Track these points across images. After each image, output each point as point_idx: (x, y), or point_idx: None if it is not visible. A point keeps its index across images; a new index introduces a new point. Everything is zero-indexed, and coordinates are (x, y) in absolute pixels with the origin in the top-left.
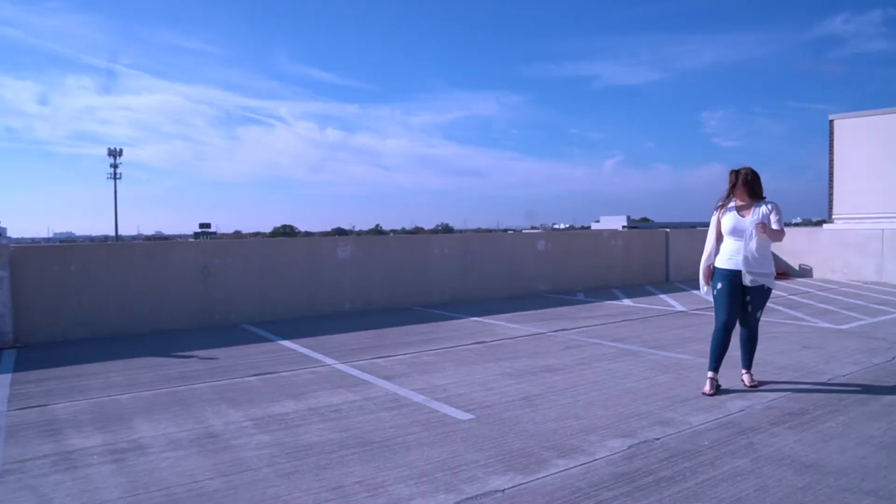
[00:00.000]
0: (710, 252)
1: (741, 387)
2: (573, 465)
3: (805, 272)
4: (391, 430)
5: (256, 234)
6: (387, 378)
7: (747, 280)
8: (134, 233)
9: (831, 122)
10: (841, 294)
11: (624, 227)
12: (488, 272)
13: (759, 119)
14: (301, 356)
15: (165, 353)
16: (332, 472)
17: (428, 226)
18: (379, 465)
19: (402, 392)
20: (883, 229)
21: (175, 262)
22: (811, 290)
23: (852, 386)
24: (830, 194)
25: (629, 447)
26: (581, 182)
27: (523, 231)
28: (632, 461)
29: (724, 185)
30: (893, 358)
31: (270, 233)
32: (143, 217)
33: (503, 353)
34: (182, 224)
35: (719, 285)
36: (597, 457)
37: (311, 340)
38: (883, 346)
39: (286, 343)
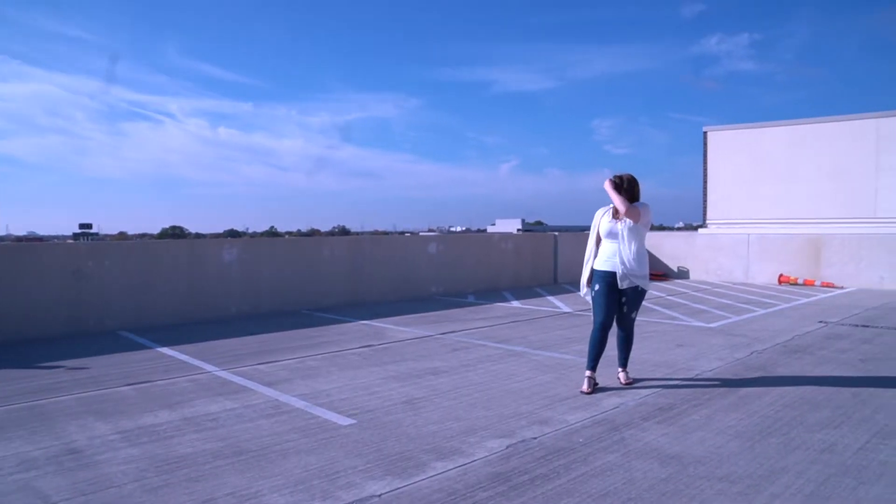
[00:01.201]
0: (591, 255)
1: (618, 385)
2: (451, 466)
3: (683, 274)
4: (269, 438)
5: (143, 236)
6: (269, 384)
7: (624, 283)
8: (2, 232)
9: (705, 133)
10: (713, 294)
11: (519, 229)
12: (379, 275)
13: (645, 128)
14: (180, 363)
15: (30, 363)
16: (204, 484)
17: (325, 228)
18: (254, 474)
19: (284, 398)
20: (749, 234)
21: (44, 265)
22: (687, 291)
23: (716, 380)
24: (704, 201)
25: (507, 447)
26: (478, 185)
27: (420, 234)
28: (509, 461)
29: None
30: (752, 353)
31: (158, 234)
32: (13, 215)
33: (390, 357)
34: (60, 224)
35: (597, 287)
36: (475, 458)
37: (192, 347)
38: (744, 342)
39: (166, 350)
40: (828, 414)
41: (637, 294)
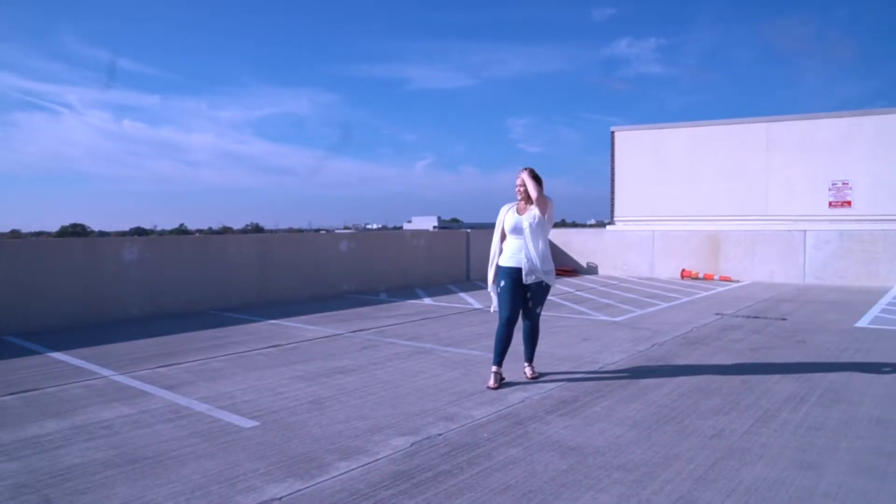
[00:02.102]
0: (496, 252)
1: (524, 379)
2: (355, 466)
3: (592, 269)
4: (167, 444)
5: (40, 234)
6: (169, 388)
7: (529, 278)
8: None
9: (612, 133)
10: (620, 289)
11: (435, 227)
12: (289, 274)
13: (558, 127)
14: (73, 369)
15: None
16: (93, 496)
17: (237, 225)
18: (148, 482)
19: (184, 402)
20: (654, 231)
21: None
22: (595, 286)
23: (618, 372)
24: (612, 199)
25: (412, 444)
26: (394, 183)
27: (336, 231)
28: (413, 458)
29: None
30: (653, 345)
31: (57, 232)
32: None
33: (297, 357)
34: None
35: (502, 283)
36: (379, 456)
37: (87, 351)
38: (646, 334)
39: (57, 355)
40: (719, 401)
41: (542, 289)
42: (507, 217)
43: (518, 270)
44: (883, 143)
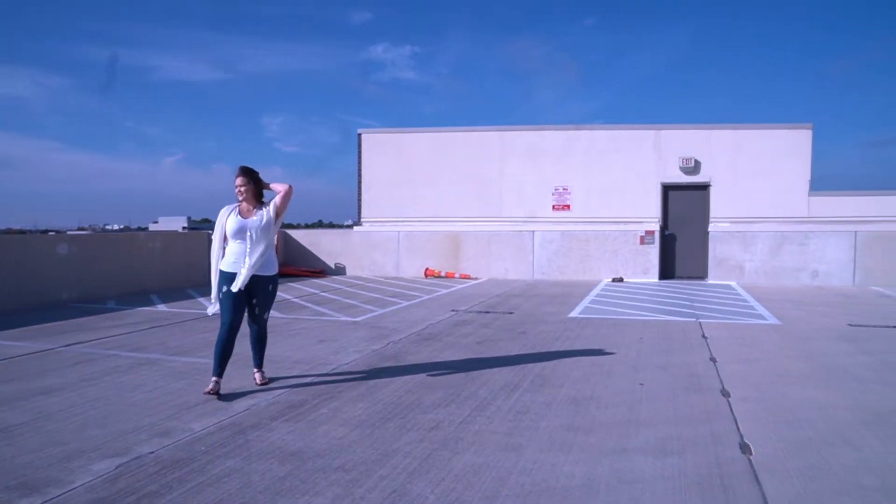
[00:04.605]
0: (218, 257)
1: (255, 386)
2: (41, 501)
3: (340, 270)
4: None
5: None
6: None
7: (252, 283)
8: None
9: (359, 135)
10: (365, 289)
11: (185, 228)
12: None
13: (315, 128)
14: None
15: None
16: None
17: None
18: None
19: None
20: (399, 231)
21: None
22: (341, 287)
23: (351, 373)
24: (359, 200)
25: (117, 467)
26: (138, 180)
27: (68, 232)
28: (116, 482)
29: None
30: (388, 343)
31: None
32: None
33: None
34: None
35: (225, 288)
36: (75, 485)
37: None
38: (384, 333)
39: None
40: (441, 394)
41: (268, 294)
42: (228, 220)
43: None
44: (594, 154)
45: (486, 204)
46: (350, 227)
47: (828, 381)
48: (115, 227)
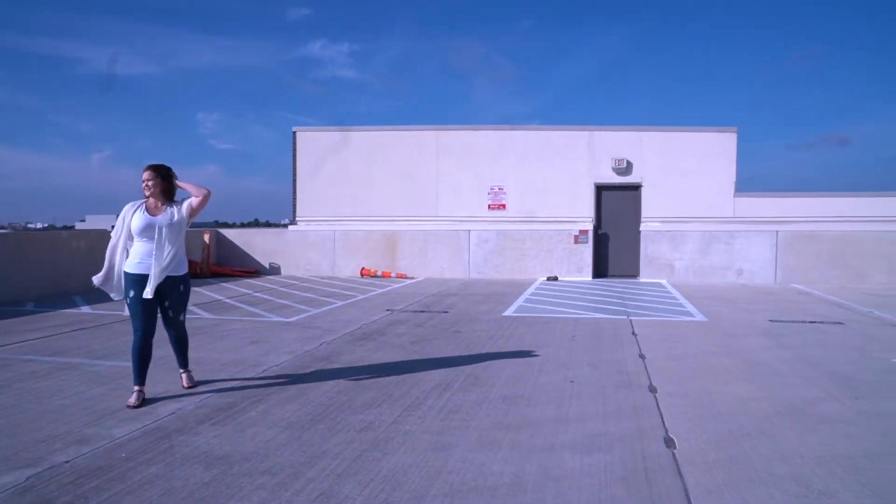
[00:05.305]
0: (117, 253)
1: (182, 389)
2: None
3: (275, 270)
4: None
5: None
6: None
7: (161, 285)
8: None
9: (294, 133)
10: (299, 289)
11: (113, 226)
12: None
13: (252, 125)
14: None
15: None
16: None
17: None
18: None
19: None
20: (335, 230)
21: None
22: (275, 287)
23: (282, 374)
24: (294, 198)
25: (27, 478)
26: (66, 176)
27: None
28: (26, 495)
29: (220, 185)
30: (321, 344)
31: None
32: None
33: None
34: None
35: (132, 292)
36: None
37: None
38: (317, 333)
39: None
40: (373, 395)
41: (179, 295)
42: (134, 217)
43: (147, 277)
44: (529, 154)
45: (423, 203)
46: (286, 226)
47: (749, 375)
48: (39, 225)
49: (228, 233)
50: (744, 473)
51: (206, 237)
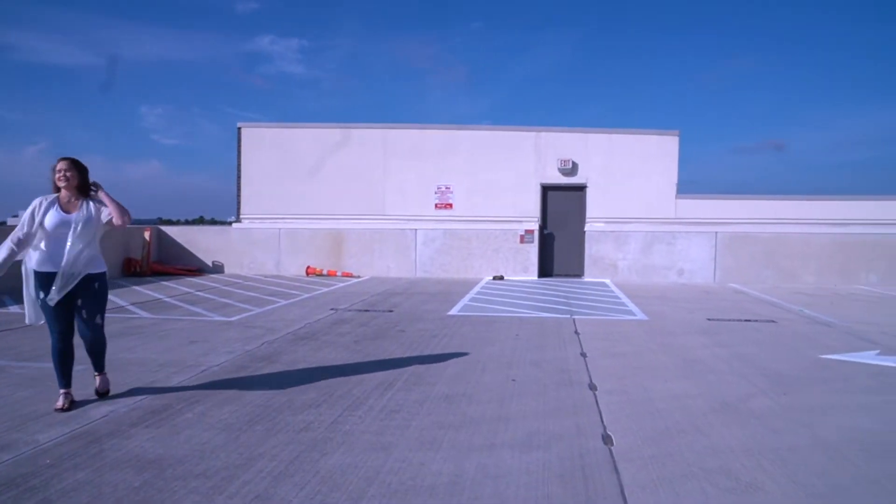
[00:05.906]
0: (26, 252)
1: (116, 391)
2: None
3: (218, 268)
4: None
5: None
6: None
7: (72, 285)
8: None
9: (239, 129)
10: (243, 288)
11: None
12: None
13: (197, 120)
14: None
15: None
16: None
17: None
18: None
19: None
20: (280, 228)
21: None
22: (218, 286)
23: (221, 375)
24: (238, 195)
25: None
26: None
27: None
28: None
29: (163, 182)
30: (263, 343)
31: None
32: None
33: None
34: None
35: (42, 294)
36: None
37: None
38: (259, 333)
39: None
40: (314, 395)
41: (94, 294)
42: (48, 215)
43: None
44: (475, 154)
45: (370, 202)
46: (231, 224)
47: (686, 373)
48: None
49: (170, 230)
50: (677, 468)
51: (147, 234)
